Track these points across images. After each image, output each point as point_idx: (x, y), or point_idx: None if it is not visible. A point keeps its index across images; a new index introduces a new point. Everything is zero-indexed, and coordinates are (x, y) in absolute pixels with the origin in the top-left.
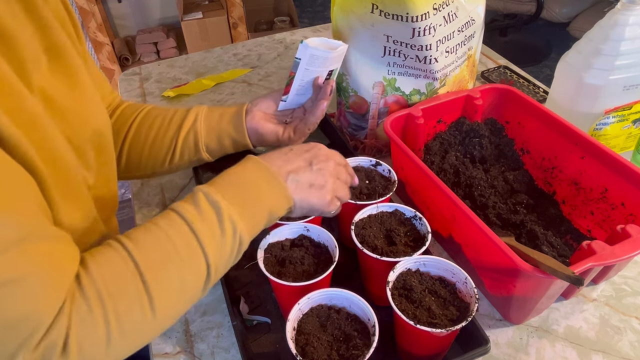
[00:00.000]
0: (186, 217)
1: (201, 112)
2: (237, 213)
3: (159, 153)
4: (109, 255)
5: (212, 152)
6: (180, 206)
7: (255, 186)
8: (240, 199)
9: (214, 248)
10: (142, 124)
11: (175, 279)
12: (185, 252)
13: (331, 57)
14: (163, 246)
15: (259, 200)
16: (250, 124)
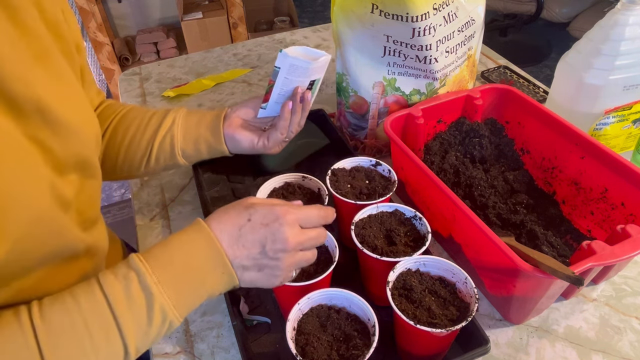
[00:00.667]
0: (111, 300)
1: (179, 116)
2: (171, 300)
3: (134, 157)
4: (13, 336)
5: (188, 157)
6: (108, 284)
7: (199, 268)
8: (179, 284)
9: (137, 337)
10: (118, 126)
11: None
12: (103, 343)
13: (312, 68)
14: (77, 335)
15: (200, 284)
16: (227, 130)
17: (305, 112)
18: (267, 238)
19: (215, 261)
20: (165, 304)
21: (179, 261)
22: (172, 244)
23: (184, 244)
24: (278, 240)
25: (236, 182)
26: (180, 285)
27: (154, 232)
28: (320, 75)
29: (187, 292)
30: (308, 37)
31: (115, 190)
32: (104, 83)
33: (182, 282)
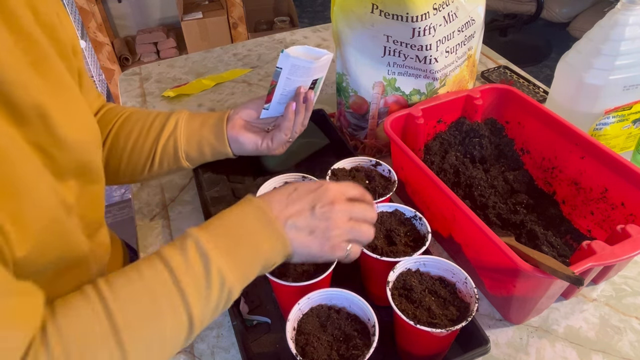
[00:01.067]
0: (171, 266)
1: (181, 119)
2: (227, 265)
3: (138, 162)
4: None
5: (191, 160)
6: (167, 253)
7: (252, 235)
8: (234, 250)
9: (198, 302)
10: (120, 131)
11: (154, 336)
12: (167, 306)
13: (314, 67)
14: (143, 299)
15: (255, 251)
16: (230, 132)
17: (308, 112)
18: (315, 199)
19: (268, 229)
20: (222, 267)
21: (233, 230)
22: (225, 217)
23: (236, 215)
24: (325, 200)
25: (236, 182)
26: (236, 252)
27: (154, 232)
28: (323, 74)
29: (242, 258)
30: (308, 37)
31: (115, 190)
32: (104, 83)
33: (237, 249)
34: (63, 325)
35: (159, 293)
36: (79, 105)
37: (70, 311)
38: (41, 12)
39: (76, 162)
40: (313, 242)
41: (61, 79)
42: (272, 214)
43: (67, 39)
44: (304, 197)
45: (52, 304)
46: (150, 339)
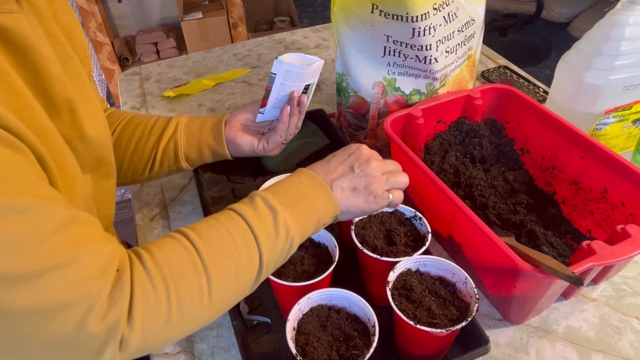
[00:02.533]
0: (245, 216)
1: (181, 122)
2: (291, 218)
3: (139, 162)
4: (171, 243)
5: (191, 162)
6: (238, 207)
7: (308, 195)
8: (294, 206)
9: (268, 246)
10: (123, 133)
11: (232, 270)
12: (243, 246)
13: (306, 73)
14: (223, 239)
15: (311, 208)
16: (228, 134)
17: (301, 115)
18: (353, 161)
19: (319, 189)
20: (287, 219)
21: (291, 191)
22: (282, 183)
23: (290, 181)
24: (362, 160)
25: (236, 182)
26: (297, 208)
27: (154, 232)
28: (314, 79)
29: (303, 213)
30: (308, 37)
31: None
32: (104, 83)
33: (297, 206)
34: (157, 255)
35: (237, 236)
36: (96, 104)
37: (161, 246)
38: (61, 17)
39: (94, 156)
40: (357, 199)
41: (82, 79)
42: (321, 179)
43: (80, 43)
44: (343, 160)
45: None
46: (229, 274)
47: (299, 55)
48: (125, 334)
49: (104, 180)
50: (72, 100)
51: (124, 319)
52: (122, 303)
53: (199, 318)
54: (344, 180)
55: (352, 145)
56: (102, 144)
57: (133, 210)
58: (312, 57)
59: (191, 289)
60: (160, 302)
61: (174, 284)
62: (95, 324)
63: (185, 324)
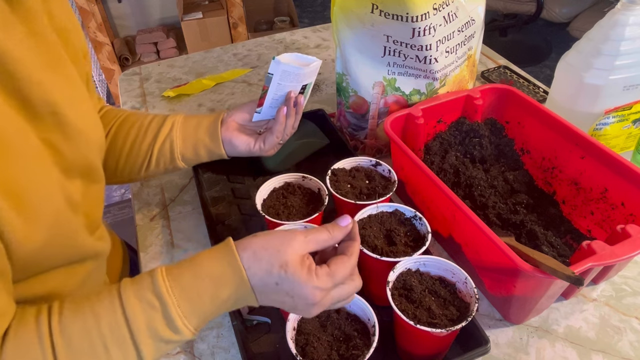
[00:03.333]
0: (133, 330)
1: (177, 121)
2: (194, 328)
3: (135, 162)
4: (32, 348)
5: (187, 161)
6: (131, 308)
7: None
8: (204, 315)
9: (155, 356)
10: (118, 132)
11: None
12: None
13: (303, 73)
14: (96, 357)
15: (224, 311)
16: (224, 134)
17: (298, 115)
18: (295, 304)
19: (245, 299)
20: (189, 336)
21: (207, 295)
22: (202, 273)
23: (215, 278)
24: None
25: (236, 182)
26: (205, 315)
27: (154, 232)
28: (312, 79)
29: (209, 318)
30: (308, 37)
31: (115, 190)
32: (104, 83)
33: (207, 314)
34: (9, 358)
35: (115, 351)
36: (88, 106)
37: (20, 346)
38: (56, 16)
39: (84, 159)
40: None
41: (73, 81)
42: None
43: (79, 43)
44: (284, 297)
45: (8, 327)
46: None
47: (297, 55)
48: None
49: (94, 185)
50: (56, 104)
51: None
52: None
53: None
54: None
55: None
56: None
57: (133, 210)
58: (310, 57)
59: None
60: None
61: None
62: None
63: None
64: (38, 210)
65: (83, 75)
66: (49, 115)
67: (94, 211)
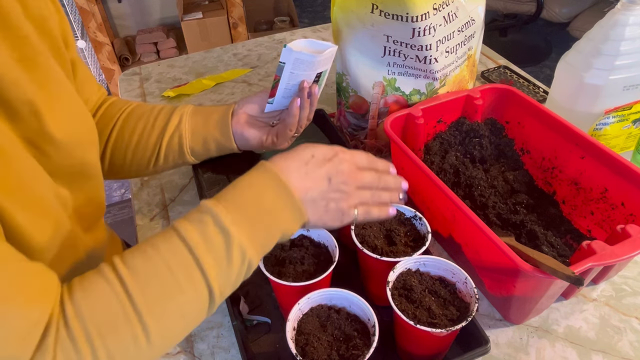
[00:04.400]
0: (190, 243)
1: (186, 113)
2: (248, 239)
3: (143, 156)
4: (100, 287)
5: (197, 155)
6: (184, 229)
7: (271, 208)
8: (254, 223)
9: (219, 278)
10: (125, 125)
11: (175, 312)
12: (187, 283)
13: (318, 61)
14: (162, 278)
15: (274, 223)
16: (235, 127)
17: (313, 107)
18: (331, 171)
19: (286, 200)
20: (243, 242)
21: (251, 202)
22: (242, 187)
23: (253, 186)
24: (340, 172)
25: None
26: (255, 225)
27: (154, 232)
28: (327, 67)
29: (261, 231)
30: (308, 37)
31: (115, 190)
32: (104, 83)
33: (256, 222)
34: (82, 306)
35: (178, 271)
36: (71, 102)
37: (88, 292)
38: (30, 5)
39: (69, 159)
40: (327, 215)
41: (51, 75)
42: (290, 187)
43: (58, 30)
44: (321, 166)
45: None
46: (172, 316)
47: (310, 42)
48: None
49: (87, 182)
50: (34, 102)
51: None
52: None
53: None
54: (318, 192)
55: (334, 147)
56: (79, 145)
57: (133, 210)
58: (325, 43)
59: (123, 341)
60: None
61: (101, 341)
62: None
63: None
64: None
65: (66, 65)
66: (30, 115)
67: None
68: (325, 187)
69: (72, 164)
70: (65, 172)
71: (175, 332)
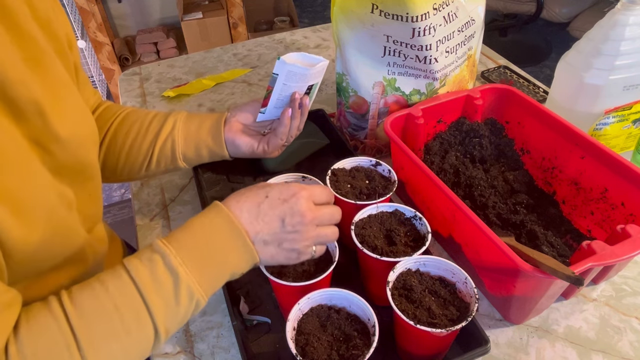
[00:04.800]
0: (138, 283)
1: (179, 120)
2: (197, 280)
3: (135, 161)
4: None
5: (189, 161)
6: (134, 267)
7: (221, 248)
8: (203, 264)
9: (167, 318)
10: (119, 130)
11: (119, 352)
12: (134, 323)
13: (310, 74)
14: (109, 318)
15: (224, 264)
16: (227, 135)
17: (303, 117)
18: (286, 212)
19: (237, 240)
20: (191, 283)
21: (201, 242)
22: (193, 227)
23: (204, 226)
24: (296, 213)
25: (236, 182)
26: (204, 265)
27: (154, 232)
28: (318, 80)
29: (211, 271)
30: (308, 37)
31: (115, 190)
32: (104, 83)
33: (205, 262)
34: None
35: (126, 311)
36: (75, 102)
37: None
38: (37, 7)
39: (74, 157)
40: (280, 254)
41: (57, 76)
42: (241, 228)
43: (63, 33)
44: (275, 207)
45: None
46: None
47: (303, 55)
48: None
49: (88, 182)
50: (39, 102)
51: None
52: None
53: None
54: (271, 233)
55: (291, 187)
56: (82, 145)
57: (133, 210)
58: (316, 57)
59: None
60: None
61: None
62: None
63: None
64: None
65: (70, 67)
66: (35, 115)
67: (90, 208)
68: (277, 228)
69: (76, 162)
70: (69, 171)
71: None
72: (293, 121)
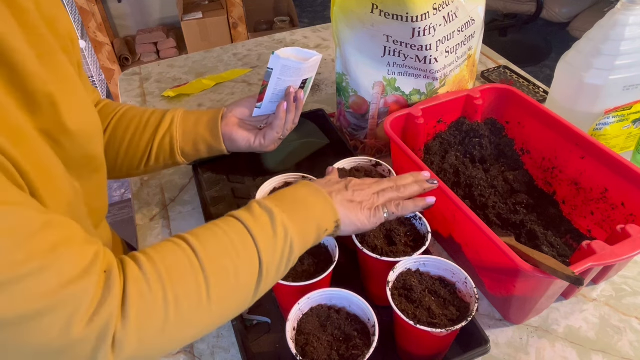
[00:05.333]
0: (242, 219)
1: (177, 116)
2: (288, 218)
3: (134, 156)
4: (169, 246)
5: (187, 156)
6: (236, 212)
7: (304, 200)
8: (291, 208)
9: (267, 247)
10: (118, 126)
11: (231, 270)
12: (241, 247)
13: (304, 68)
14: (221, 240)
15: (309, 211)
16: (225, 130)
17: (298, 111)
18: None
19: (316, 194)
20: (285, 219)
21: (288, 196)
22: (280, 192)
23: (286, 189)
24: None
25: (236, 182)
26: (294, 210)
27: (154, 232)
28: (312, 74)
29: (300, 215)
30: (308, 37)
31: (115, 190)
32: (104, 83)
33: (294, 208)
34: (153, 254)
35: (234, 236)
36: (82, 97)
37: (157, 247)
38: (44, 6)
39: (82, 150)
40: (355, 209)
41: (65, 72)
42: (319, 187)
43: (66, 31)
44: (338, 181)
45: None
46: (228, 273)
47: (297, 50)
48: (118, 336)
49: (94, 175)
50: (52, 95)
51: (115, 321)
52: (110, 304)
53: (199, 321)
54: (340, 193)
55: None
56: (90, 137)
57: (133, 210)
58: (310, 51)
59: (189, 288)
60: (156, 302)
61: (171, 283)
62: (81, 327)
63: (184, 327)
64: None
65: (74, 64)
66: (49, 106)
67: (96, 202)
68: (344, 190)
69: (84, 155)
70: (77, 163)
71: (228, 292)
72: (288, 115)
